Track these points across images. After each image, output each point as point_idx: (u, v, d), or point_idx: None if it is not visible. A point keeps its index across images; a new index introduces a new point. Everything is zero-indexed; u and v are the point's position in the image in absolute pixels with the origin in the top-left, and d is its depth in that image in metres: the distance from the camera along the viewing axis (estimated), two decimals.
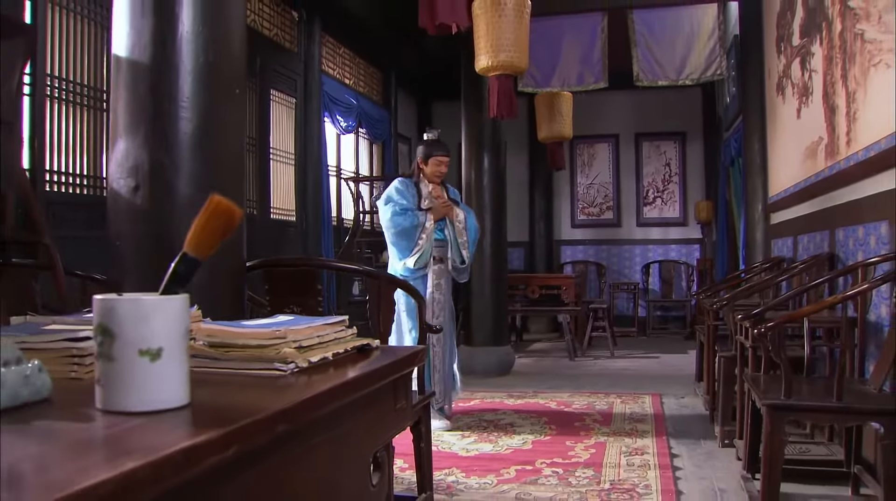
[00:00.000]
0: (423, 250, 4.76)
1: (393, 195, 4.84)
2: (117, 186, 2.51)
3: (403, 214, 4.77)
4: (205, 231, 1.18)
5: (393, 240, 4.80)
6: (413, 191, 4.91)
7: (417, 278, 4.79)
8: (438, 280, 4.88)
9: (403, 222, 4.75)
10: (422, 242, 4.76)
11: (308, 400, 1.19)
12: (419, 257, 4.77)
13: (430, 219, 4.81)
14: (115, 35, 2.56)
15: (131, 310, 1.03)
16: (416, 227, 4.76)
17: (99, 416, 1.03)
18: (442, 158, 5.01)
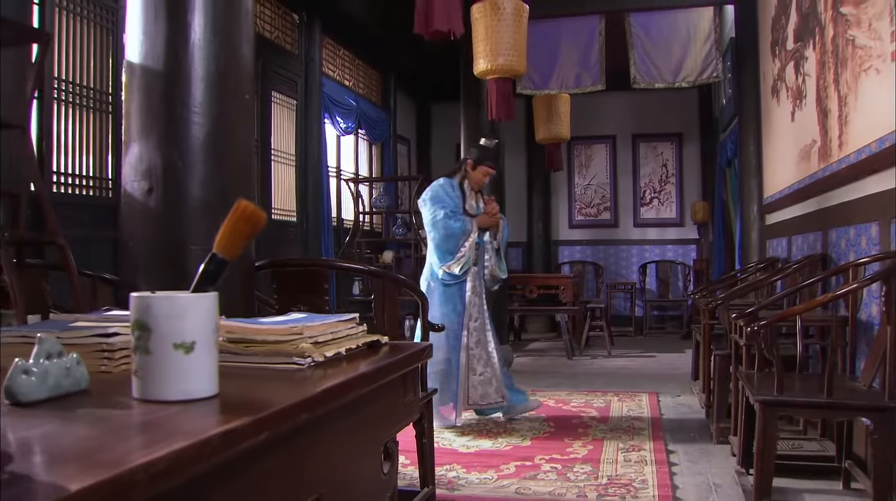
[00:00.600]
0: (466, 256, 4.78)
1: (442, 197, 4.84)
2: (131, 189, 2.59)
3: (454, 217, 4.79)
4: (232, 234, 1.26)
5: (438, 242, 4.80)
6: (458, 192, 4.92)
7: (457, 283, 4.85)
8: (474, 283, 4.91)
9: (454, 227, 4.77)
10: (464, 249, 4.77)
11: (325, 392, 1.28)
12: (463, 263, 4.79)
13: (475, 227, 4.82)
14: (129, 42, 2.64)
15: (166, 307, 1.12)
16: (465, 233, 4.78)
17: (137, 404, 1.11)
18: (491, 170, 4.98)
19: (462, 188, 4.94)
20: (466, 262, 4.80)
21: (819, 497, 3.33)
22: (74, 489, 0.68)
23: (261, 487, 1.08)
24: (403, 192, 10.88)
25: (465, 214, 4.85)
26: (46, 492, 0.68)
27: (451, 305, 4.81)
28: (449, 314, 4.77)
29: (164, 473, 0.79)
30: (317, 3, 8.17)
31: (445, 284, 4.84)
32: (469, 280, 4.88)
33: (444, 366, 4.77)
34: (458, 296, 4.87)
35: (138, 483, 0.75)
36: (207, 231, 2.49)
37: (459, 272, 4.80)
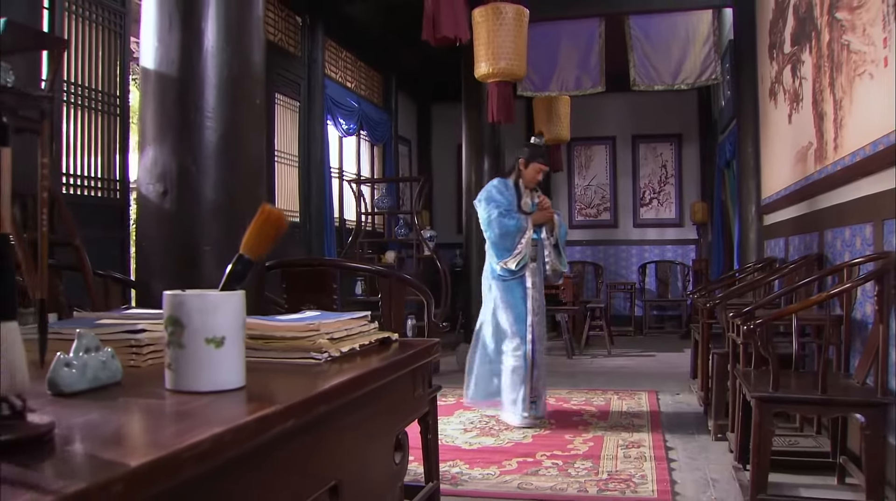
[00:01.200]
0: (522, 253, 4.87)
1: (496, 196, 4.95)
2: (146, 191, 2.68)
3: (508, 215, 4.89)
4: (259, 236, 1.34)
5: (495, 240, 4.92)
6: (512, 191, 5.03)
7: (515, 279, 4.95)
8: (534, 279, 5.00)
9: (508, 224, 4.88)
10: (521, 246, 4.87)
11: (342, 384, 1.36)
12: (520, 259, 4.89)
13: (530, 222, 4.92)
14: (143, 49, 2.73)
15: (199, 304, 1.20)
16: (520, 230, 4.88)
17: (171, 395, 1.20)
18: (542, 166, 5.09)
19: (517, 187, 5.06)
20: (523, 258, 4.89)
21: (814, 491, 3.41)
22: (134, 464, 0.76)
23: (285, 472, 1.16)
24: (405, 192, 10.96)
25: (519, 211, 4.97)
26: (109, 467, 0.76)
27: (514, 301, 4.93)
28: (516, 309, 4.92)
29: (207, 454, 0.87)
30: (320, 6, 8.25)
31: (504, 280, 4.95)
32: (528, 276, 4.98)
33: (519, 362, 4.91)
34: (520, 292, 4.97)
35: (186, 461, 0.83)
36: (220, 232, 2.59)
37: (515, 268, 4.90)
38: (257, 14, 2.84)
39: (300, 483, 1.21)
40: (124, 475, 0.74)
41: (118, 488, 0.72)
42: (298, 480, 1.20)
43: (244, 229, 2.66)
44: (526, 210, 5.00)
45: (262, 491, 1.08)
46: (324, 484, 1.28)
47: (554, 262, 5.08)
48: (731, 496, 3.40)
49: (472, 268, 7.38)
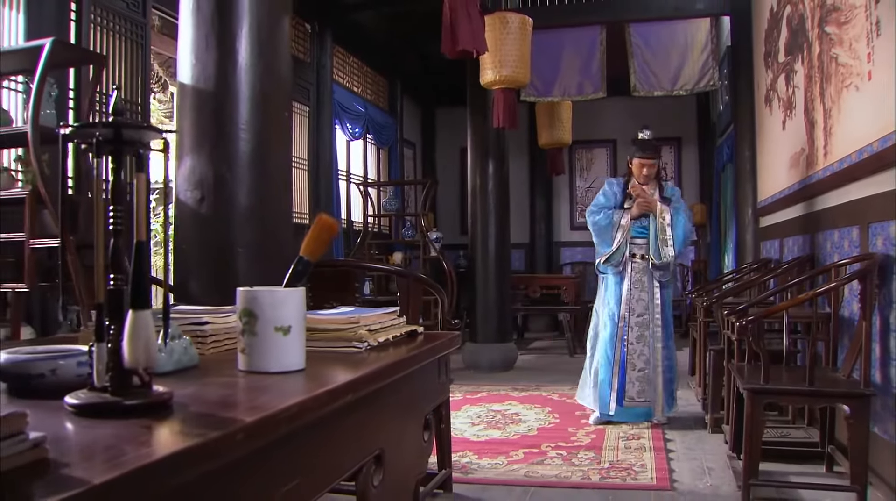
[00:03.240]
0: (616, 248, 4.94)
1: (598, 196, 5.07)
2: (184, 198, 2.90)
3: (599, 212, 4.99)
4: (316, 240, 1.56)
5: (594, 238, 5.05)
6: (619, 189, 5.07)
7: (615, 274, 4.99)
8: (640, 277, 4.96)
9: (599, 221, 4.98)
10: (616, 240, 4.94)
11: (385, 368, 1.58)
12: (613, 254, 4.95)
13: (626, 217, 4.95)
14: (181, 66, 2.95)
15: (269, 298, 1.42)
16: (612, 225, 4.95)
17: (245, 375, 1.42)
18: (645, 160, 4.98)
19: (627, 184, 5.06)
20: (616, 253, 4.94)
21: (803, 478, 3.62)
22: (249, 420, 0.98)
23: (344, 439, 1.39)
24: (410, 195, 11.17)
25: (622, 208, 5.00)
26: (230, 422, 0.98)
27: (610, 297, 4.98)
28: (609, 305, 4.98)
29: (295, 416, 1.10)
30: (328, 14, 8.48)
31: (604, 274, 5.05)
32: (630, 272, 4.96)
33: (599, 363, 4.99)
34: (617, 288, 4.99)
35: (282, 421, 1.06)
36: (253, 235, 2.82)
37: (608, 263, 4.97)
38: (284, 33, 3.06)
39: (356, 448, 1.43)
40: (243, 427, 0.96)
41: (240, 437, 0.95)
42: (354, 446, 1.43)
43: (274, 232, 2.90)
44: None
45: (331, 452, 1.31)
46: (371, 452, 1.51)
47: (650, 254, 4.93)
48: (725, 482, 3.62)
49: (477, 269, 7.58)
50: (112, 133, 1.09)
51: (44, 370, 1.23)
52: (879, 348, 3.39)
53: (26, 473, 0.81)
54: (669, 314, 5.03)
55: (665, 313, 4.98)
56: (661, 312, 4.97)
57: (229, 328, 1.74)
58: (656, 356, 4.92)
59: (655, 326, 4.93)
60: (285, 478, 1.12)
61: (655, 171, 5.02)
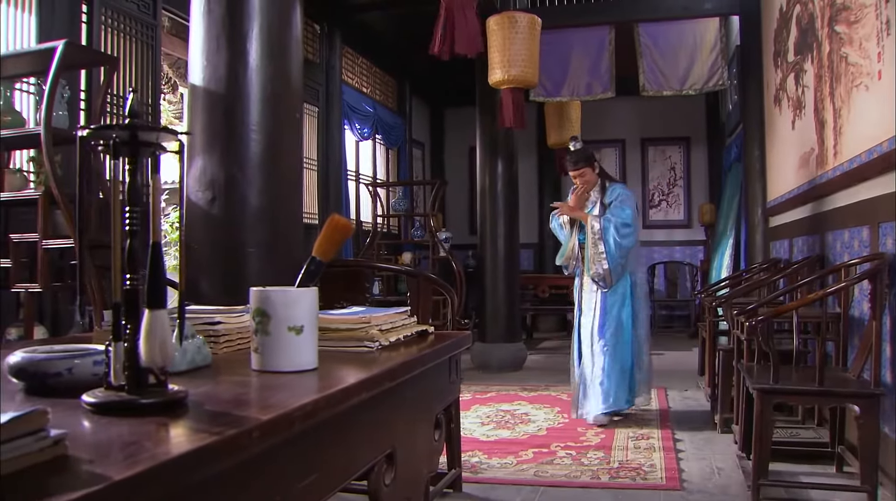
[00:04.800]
0: (565, 244, 5.09)
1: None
2: (195, 198, 2.92)
3: (553, 218, 5.17)
4: (329, 241, 1.58)
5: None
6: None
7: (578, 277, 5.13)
8: (586, 280, 5.02)
9: (553, 227, 5.19)
10: (563, 238, 5.10)
11: (397, 367, 1.60)
12: (559, 256, 5.14)
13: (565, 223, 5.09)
14: (192, 67, 2.97)
15: (282, 298, 1.44)
16: (561, 225, 5.11)
17: (259, 374, 1.44)
18: (571, 171, 5.04)
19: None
20: (561, 255, 5.10)
21: (813, 478, 3.62)
22: (264, 418, 1.00)
23: (357, 438, 1.40)
24: (419, 195, 11.19)
25: None
26: (244, 420, 1.00)
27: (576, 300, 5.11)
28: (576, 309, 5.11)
29: (310, 414, 1.11)
30: (337, 15, 8.50)
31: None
32: (578, 276, 5.12)
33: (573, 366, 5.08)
34: (576, 291, 5.16)
35: (296, 419, 1.07)
36: (263, 235, 2.84)
37: (560, 264, 5.14)
38: (296, 34, 3.08)
39: (368, 447, 1.45)
40: (259, 424, 0.98)
41: (256, 434, 0.96)
42: (367, 445, 1.44)
43: (285, 232, 2.92)
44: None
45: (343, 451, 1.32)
46: (384, 451, 1.52)
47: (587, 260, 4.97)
48: (734, 482, 3.62)
49: (486, 269, 7.59)
50: (128, 135, 1.10)
51: (61, 368, 1.24)
52: (890, 348, 3.38)
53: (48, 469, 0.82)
54: (617, 316, 4.98)
55: (606, 316, 4.97)
56: (600, 315, 4.99)
57: (242, 327, 1.75)
58: (594, 358, 4.97)
59: (595, 328, 4.99)
60: (300, 476, 1.14)
61: (588, 178, 5.04)
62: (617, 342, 4.95)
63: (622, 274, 4.97)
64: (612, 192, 5.05)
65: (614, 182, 5.13)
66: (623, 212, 4.92)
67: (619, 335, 4.96)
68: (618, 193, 5.02)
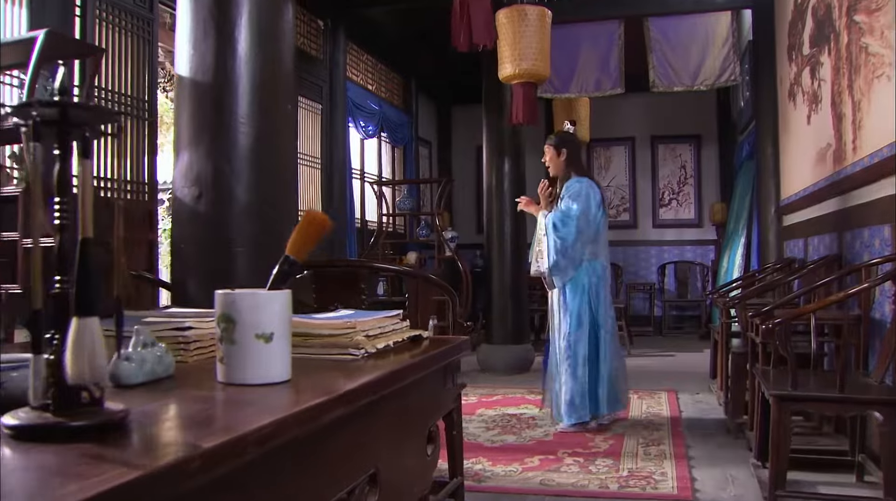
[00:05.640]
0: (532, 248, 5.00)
1: None
2: (181, 195, 2.77)
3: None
4: (304, 238, 1.42)
5: None
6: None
7: None
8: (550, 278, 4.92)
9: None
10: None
11: (380, 379, 1.44)
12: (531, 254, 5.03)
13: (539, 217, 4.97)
14: (178, 56, 2.82)
15: (249, 301, 1.28)
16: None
17: (224, 387, 1.28)
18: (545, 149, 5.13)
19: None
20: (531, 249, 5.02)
21: (833, 489, 3.46)
22: (207, 445, 0.84)
23: (333, 459, 1.25)
24: (425, 194, 11.04)
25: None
26: (186, 447, 0.84)
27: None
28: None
29: (269, 437, 0.95)
30: (341, 10, 8.35)
31: None
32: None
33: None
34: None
35: (251, 444, 0.91)
36: (253, 233, 2.68)
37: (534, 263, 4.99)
38: (287, 21, 2.92)
39: (346, 469, 1.29)
40: (201, 453, 0.82)
41: (196, 465, 0.80)
42: (344, 466, 1.28)
43: (276, 230, 2.77)
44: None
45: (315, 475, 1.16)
46: (365, 471, 1.37)
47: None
48: (750, 492, 3.46)
49: (493, 269, 7.45)
50: (57, 114, 0.95)
51: None
52: None
53: None
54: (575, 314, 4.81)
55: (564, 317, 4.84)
56: (561, 314, 4.87)
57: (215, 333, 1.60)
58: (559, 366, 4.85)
59: (562, 332, 4.86)
60: None
61: (551, 160, 5.05)
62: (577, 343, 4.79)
63: (568, 271, 4.82)
64: (568, 186, 4.95)
65: (578, 176, 4.99)
66: (568, 206, 4.83)
67: (578, 336, 4.80)
68: (572, 187, 4.92)
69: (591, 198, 4.85)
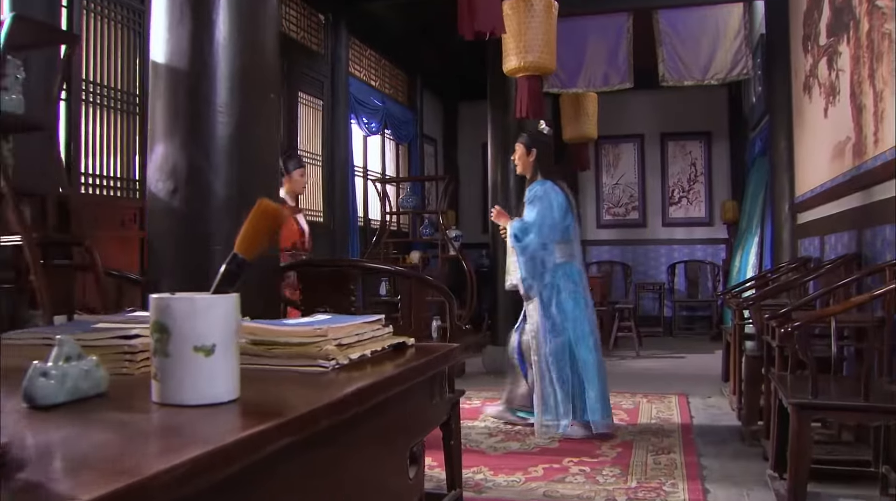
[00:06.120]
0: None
1: None
2: (155, 189, 2.58)
3: None
4: (255, 232, 1.23)
5: None
6: None
7: None
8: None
9: None
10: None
11: (350, 396, 1.24)
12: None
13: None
14: (154, 42, 2.64)
15: (186, 308, 1.09)
16: None
17: (156, 409, 1.09)
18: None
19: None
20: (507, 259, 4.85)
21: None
22: (85, 499, 0.65)
23: (285, 494, 1.05)
24: (430, 192, 10.85)
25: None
26: None
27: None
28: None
29: (181, 480, 0.76)
30: (342, 4, 8.16)
31: None
32: None
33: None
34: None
35: (154, 491, 0.72)
36: (231, 231, 2.47)
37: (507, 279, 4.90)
38: (271, 4, 2.74)
39: None
40: None
41: None
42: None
43: None
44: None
45: None
46: None
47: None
48: None
49: (498, 269, 7.26)
50: None
51: None
52: None
53: None
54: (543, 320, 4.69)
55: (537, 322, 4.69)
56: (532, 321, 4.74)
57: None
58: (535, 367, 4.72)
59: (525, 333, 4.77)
60: None
61: (520, 158, 4.86)
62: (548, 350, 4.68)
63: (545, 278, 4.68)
64: (530, 189, 4.80)
65: (543, 179, 4.79)
66: (530, 212, 4.69)
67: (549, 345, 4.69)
68: (533, 190, 4.76)
69: (553, 201, 4.68)
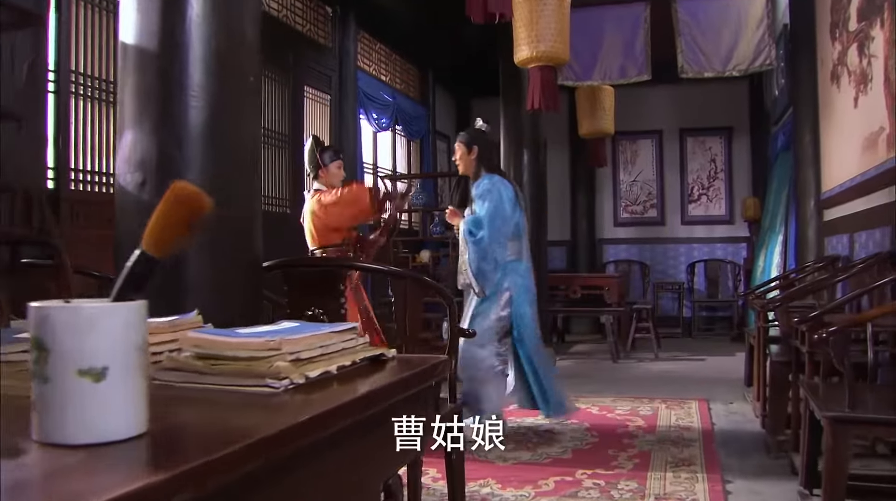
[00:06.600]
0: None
1: None
2: (123, 182, 2.36)
3: None
4: (165, 224, 0.99)
5: None
6: None
7: None
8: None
9: None
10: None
11: (299, 425, 1.00)
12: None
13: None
14: (123, 21, 2.41)
15: (69, 320, 0.84)
16: None
17: (33, 450, 0.84)
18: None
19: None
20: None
21: None
22: None
23: None
24: (443, 190, 10.62)
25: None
26: None
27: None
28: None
29: None
30: None
31: None
32: None
33: None
34: None
35: None
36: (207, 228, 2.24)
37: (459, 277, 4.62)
38: None
39: None
40: None
41: None
42: None
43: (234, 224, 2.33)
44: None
45: None
46: None
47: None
48: None
49: None
50: None
51: None
52: None
53: None
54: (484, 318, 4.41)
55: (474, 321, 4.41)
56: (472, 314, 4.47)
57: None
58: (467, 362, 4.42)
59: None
60: None
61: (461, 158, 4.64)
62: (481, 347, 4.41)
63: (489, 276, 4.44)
64: (477, 185, 4.56)
65: (489, 174, 4.57)
66: (480, 206, 4.48)
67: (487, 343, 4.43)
68: (481, 185, 4.53)
69: (503, 194, 4.48)
